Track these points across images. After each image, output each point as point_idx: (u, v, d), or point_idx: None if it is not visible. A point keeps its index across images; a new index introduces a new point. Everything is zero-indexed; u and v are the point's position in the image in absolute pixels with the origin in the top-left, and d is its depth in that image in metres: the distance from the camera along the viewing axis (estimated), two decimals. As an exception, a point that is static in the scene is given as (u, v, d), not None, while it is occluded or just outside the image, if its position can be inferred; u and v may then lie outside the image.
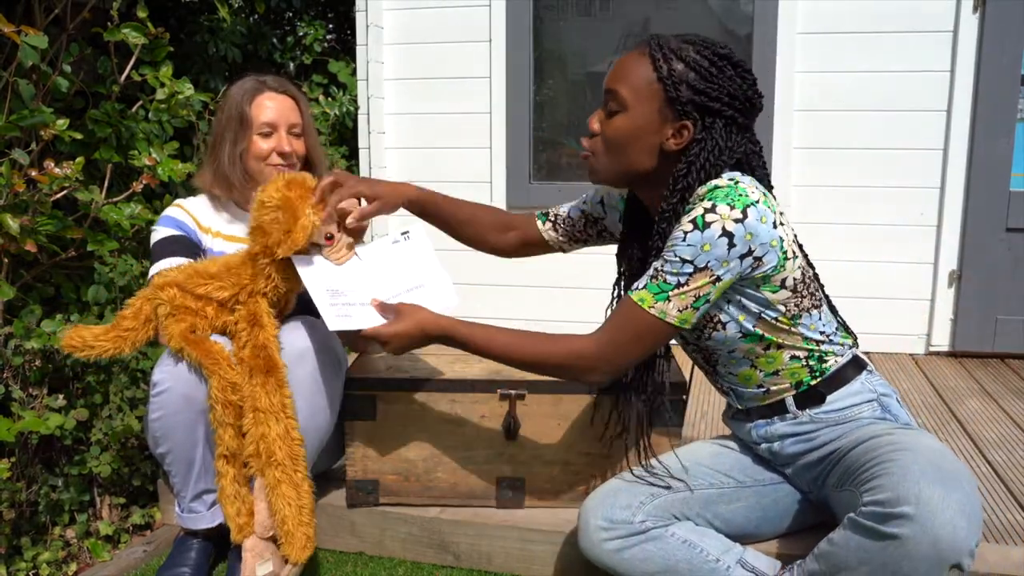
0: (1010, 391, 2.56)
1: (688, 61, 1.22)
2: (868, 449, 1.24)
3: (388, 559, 1.74)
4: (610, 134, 1.30)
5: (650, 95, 1.25)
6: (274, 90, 1.76)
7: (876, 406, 1.37)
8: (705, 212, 1.18)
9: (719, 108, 1.23)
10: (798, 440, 1.41)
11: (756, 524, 1.45)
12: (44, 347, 1.92)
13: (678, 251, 1.20)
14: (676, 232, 1.20)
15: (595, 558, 1.36)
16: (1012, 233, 2.90)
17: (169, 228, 1.74)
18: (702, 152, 1.24)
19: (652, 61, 1.24)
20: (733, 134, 1.25)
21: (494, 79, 3.17)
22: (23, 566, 1.82)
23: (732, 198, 1.18)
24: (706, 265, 1.19)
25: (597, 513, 1.36)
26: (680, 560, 1.33)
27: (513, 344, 1.33)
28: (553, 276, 3.25)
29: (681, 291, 1.21)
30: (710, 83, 1.22)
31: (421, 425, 1.67)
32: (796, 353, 1.34)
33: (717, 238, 1.17)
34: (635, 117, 1.26)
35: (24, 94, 2.00)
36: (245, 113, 1.72)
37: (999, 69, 2.80)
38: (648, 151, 1.28)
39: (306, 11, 3.79)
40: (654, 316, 1.23)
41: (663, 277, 1.22)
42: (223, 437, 1.46)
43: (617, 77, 1.28)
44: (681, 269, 1.20)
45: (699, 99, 1.22)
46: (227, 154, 1.72)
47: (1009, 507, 1.69)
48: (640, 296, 1.24)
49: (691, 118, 1.24)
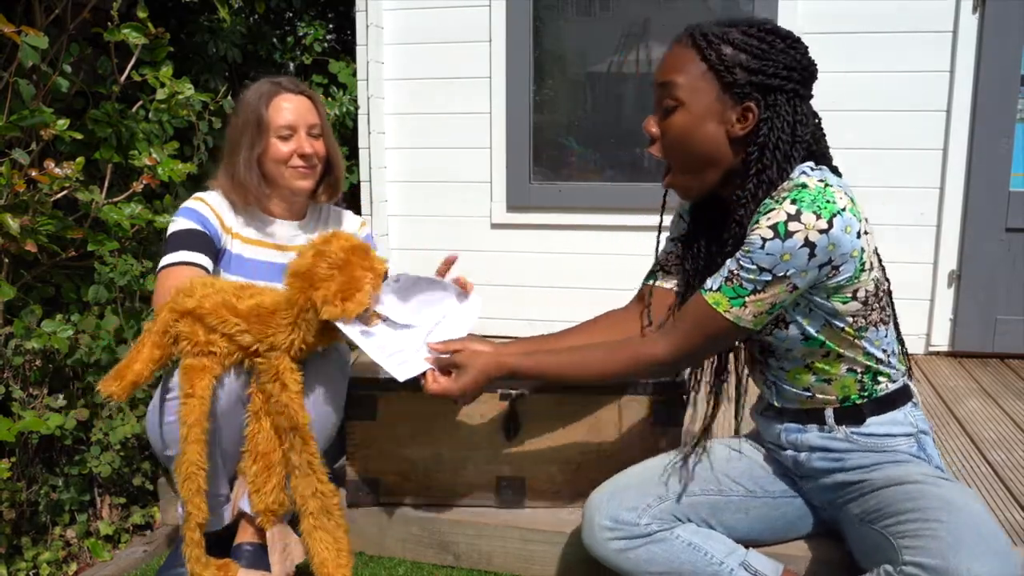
0: (1010, 391, 2.56)
1: (736, 43, 1.19)
2: (909, 496, 1.20)
3: (388, 559, 1.74)
4: (672, 133, 1.25)
5: (706, 85, 1.21)
6: (290, 91, 1.73)
7: (913, 442, 1.33)
8: (789, 220, 1.13)
9: (779, 83, 1.19)
10: (827, 457, 1.36)
11: (759, 533, 1.44)
12: (44, 347, 1.92)
13: (755, 258, 1.16)
14: (753, 236, 1.16)
15: (598, 555, 1.36)
16: (1012, 233, 2.90)
17: (190, 221, 1.67)
18: (772, 131, 1.19)
19: (699, 50, 1.20)
20: (798, 107, 1.21)
21: (494, 79, 3.17)
22: (23, 566, 1.82)
23: (819, 205, 1.12)
24: (784, 274, 1.15)
25: (603, 512, 1.35)
26: (684, 562, 1.32)
27: (584, 364, 1.32)
28: (551, 276, 3.25)
29: (757, 297, 1.18)
30: (764, 60, 1.18)
31: (421, 425, 1.67)
32: (854, 367, 1.30)
33: (799, 248, 1.13)
34: (694, 109, 1.22)
35: (24, 94, 2.00)
36: (262, 116, 1.69)
37: (999, 69, 2.80)
38: (715, 142, 1.24)
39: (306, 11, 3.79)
40: (729, 320, 1.21)
41: (739, 281, 1.19)
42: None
43: (666, 73, 1.24)
44: (759, 277, 1.17)
45: (756, 78, 1.18)
46: (243, 159, 1.69)
47: (1009, 507, 1.69)
48: (715, 299, 1.21)
49: (752, 99, 1.20)
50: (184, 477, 1.41)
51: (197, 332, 1.42)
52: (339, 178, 1.82)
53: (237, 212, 1.76)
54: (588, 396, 1.64)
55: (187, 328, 1.43)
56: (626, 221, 3.13)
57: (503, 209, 3.25)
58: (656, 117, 1.28)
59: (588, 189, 3.18)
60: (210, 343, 1.42)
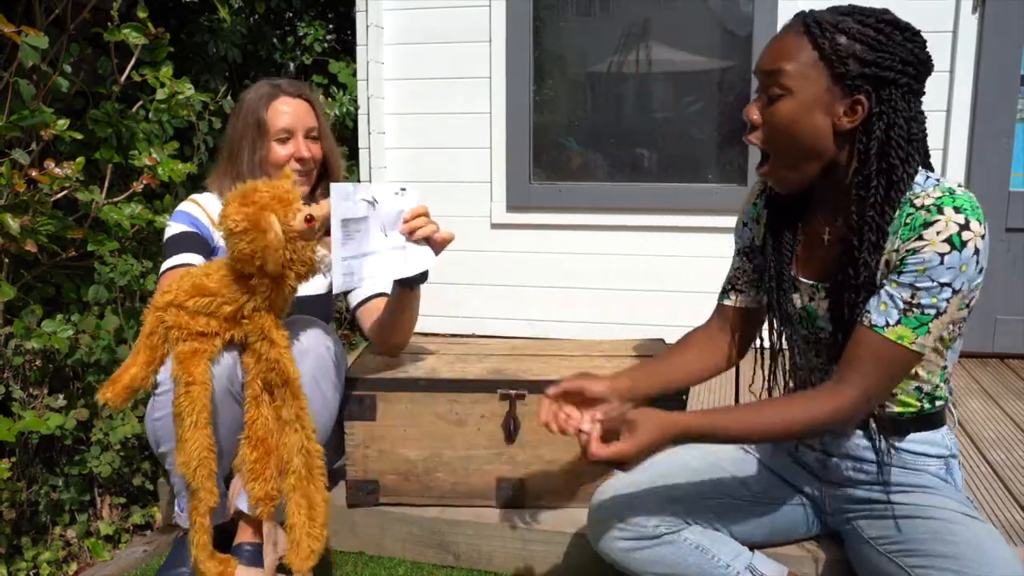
0: (1010, 391, 2.56)
1: (851, 32, 1.14)
2: (939, 536, 1.17)
3: (388, 559, 1.74)
4: (776, 121, 1.19)
5: (816, 74, 1.16)
6: (289, 94, 1.74)
7: (943, 465, 1.31)
8: (961, 229, 1.09)
9: (894, 77, 1.13)
10: (858, 468, 1.34)
11: (765, 536, 1.44)
12: (44, 347, 1.93)
13: (935, 275, 1.11)
14: (927, 253, 1.11)
15: (605, 554, 1.35)
16: (1012, 233, 2.90)
17: (182, 224, 1.72)
18: (891, 127, 1.14)
19: (812, 38, 1.16)
20: (913, 102, 1.16)
21: (494, 79, 3.17)
22: (24, 566, 1.82)
23: (977, 212, 1.11)
24: (962, 287, 1.12)
25: (611, 512, 1.34)
26: (691, 564, 1.32)
27: (771, 422, 1.18)
28: (551, 276, 3.25)
29: (941, 320, 1.13)
30: (880, 52, 1.13)
31: (421, 425, 1.68)
32: (922, 385, 1.27)
33: (971, 256, 1.10)
34: (801, 98, 1.17)
35: (24, 94, 2.00)
36: (262, 119, 1.70)
37: (999, 69, 2.80)
38: (821, 134, 1.18)
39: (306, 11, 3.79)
40: (915, 352, 1.15)
41: (921, 309, 1.13)
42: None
43: (775, 59, 1.19)
44: (940, 295, 1.12)
45: (870, 71, 1.13)
46: (247, 162, 1.71)
47: (1008, 507, 1.69)
48: (898, 334, 1.14)
49: (863, 91, 1.15)
50: (196, 463, 1.42)
51: (183, 317, 1.45)
52: (337, 180, 1.82)
53: None
54: (588, 396, 1.64)
55: (173, 318, 1.45)
56: (626, 221, 3.13)
57: (503, 209, 3.25)
58: (759, 104, 1.23)
59: (588, 189, 3.18)
60: (196, 324, 1.44)
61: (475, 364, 1.76)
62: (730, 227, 3.02)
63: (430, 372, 1.70)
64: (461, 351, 1.89)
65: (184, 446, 1.42)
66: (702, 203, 3.03)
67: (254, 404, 1.49)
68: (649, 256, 3.14)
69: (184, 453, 1.43)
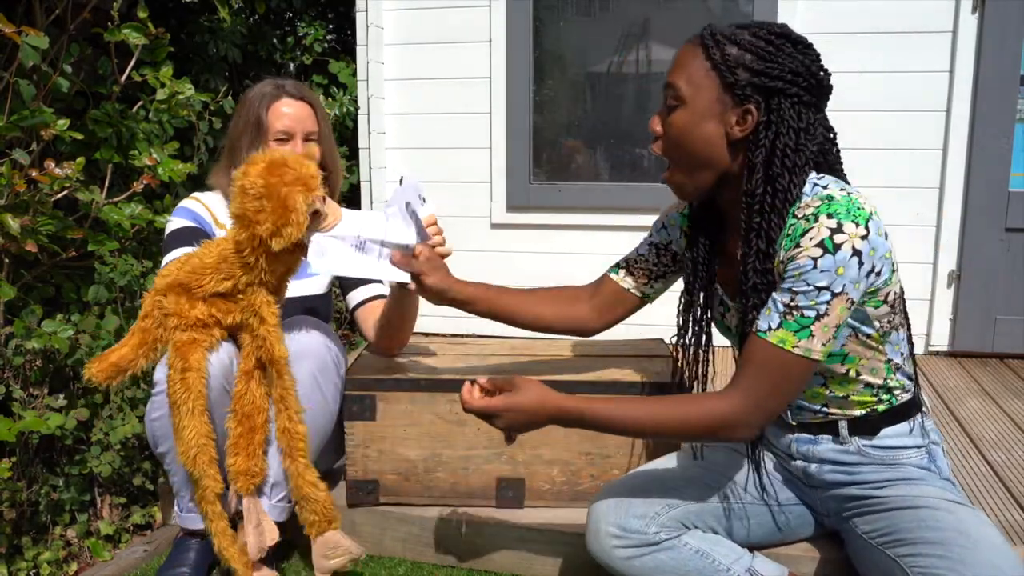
0: (1009, 391, 2.57)
1: (742, 43, 1.17)
2: (925, 524, 1.18)
3: (388, 559, 1.74)
4: (672, 131, 1.24)
5: (707, 83, 1.19)
6: (291, 96, 1.74)
7: (924, 453, 1.32)
8: (833, 233, 1.11)
9: (782, 87, 1.17)
10: (838, 470, 1.35)
11: (760, 538, 1.44)
12: (45, 347, 1.93)
13: (811, 279, 1.13)
14: (802, 260, 1.13)
15: (604, 563, 1.35)
16: (1011, 233, 2.90)
17: (184, 219, 1.73)
18: (778, 136, 1.18)
19: (704, 49, 1.19)
20: (803, 113, 1.18)
21: (494, 79, 3.17)
22: (24, 565, 1.83)
23: (854, 214, 1.12)
24: (842, 289, 1.13)
25: (609, 519, 1.34)
26: (692, 569, 1.32)
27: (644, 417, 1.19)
28: (551, 276, 3.25)
29: (823, 323, 1.14)
30: (769, 62, 1.16)
31: (421, 425, 1.68)
32: (871, 381, 1.28)
33: (849, 259, 1.12)
34: (694, 108, 1.21)
35: (25, 94, 2.00)
36: (262, 119, 1.71)
37: (998, 69, 2.80)
38: (713, 142, 1.22)
39: (306, 11, 3.79)
40: (800, 356, 1.15)
41: (800, 312, 1.14)
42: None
43: (673, 71, 1.24)
44: (818, 298, 1.13)
45: (759, 80, 1.17)
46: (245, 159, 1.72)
47: (1008, 507, 1.69)
48: (780, 337, 1.15)
49: (753, 101, 1.18)
50: (195, 450, 1.43)
51: (181, 304, 1.46)
52: (335, 184, 1.83)
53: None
54: (588, 396, 1.64)
55: (172, 304, 1.46)
56: (626, 221, 3.13)
57: (503, 209, 3.25)
58: (660, 115, 1.28)
59: (588, 189, 3.19)
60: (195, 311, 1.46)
61: (475, 364, 1.76)
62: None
63: (430, 372, 1.70)
64: (461, 351, 1.89)
65: (182, 434, 1.43)
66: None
67: (244, 379, 1.51)
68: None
69: (182, 442, 1.44)
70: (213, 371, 1.49)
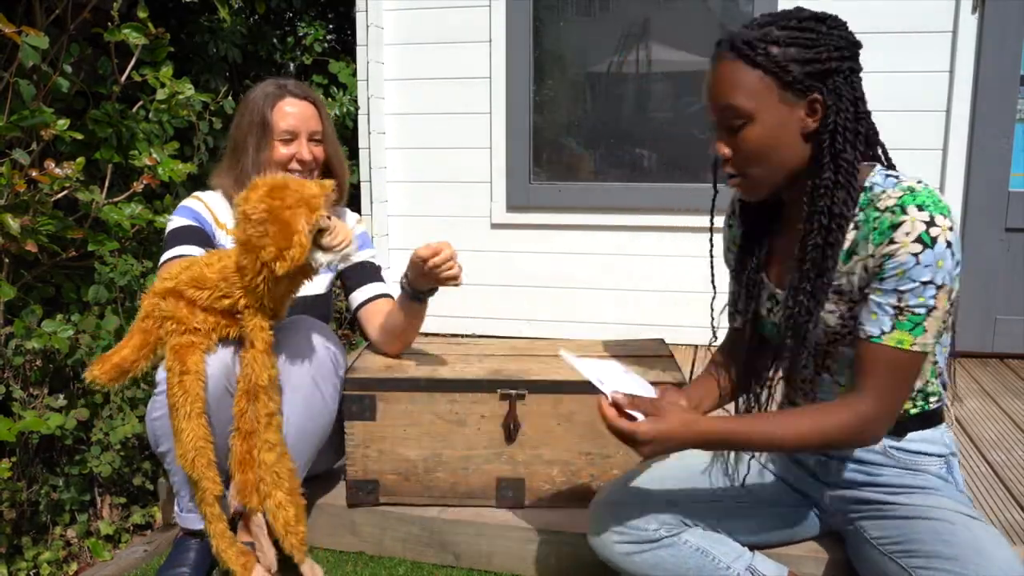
0: (1009, 391, 2.57)
1: (779, 40, 1.16)
2: (940, 537, 1.17)
3: (388, 559, 1.74)
4: (749, 148, 1.21)
5: (765, 90, 1.18)
6: (295, 96, 1.74)
7: (943, 464, 1.32)
8: (928, 227, 1.12)
9: (835, 67, 1.17)
10: (859, 469, 1.35)
11: (765, 539, 1.44)
12: (45, 347, 1.93)
13: (915, 275, 1.13)
14: (901, 256, 1.13)
15: (605, 558, 1.35)
16: (1011, 233, 2.90)
17: (185, 218, 1.73)
18: (839, 113, 1.17)
19: (747, 60, 1.17)
20: (855, 83, 1.20)
21: (494, 79, 3.17)
22: (24, 565, 1.83)
23: (940, 207, 1.13)
24: (943, 281, 1.14)
25: (610, 515, 1.34)
26: (692, 567, 1.32)
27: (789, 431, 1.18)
28: (551, 276, 3.25)
29: (933, 316, 1.15)
30: (815, 48, 1.16)
31: (421, 425, 1.68)
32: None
33: (944, 251, 1.12)
34: (763, 119, 1.19)
35: (25, 94, 2.00)
36: (267, 118, 1.70)
37: (998, 69, 2.80)
38: (794, 143, 1.21)
39: (306, 11, 3.79)
40: (918, 352, 1.17)
41: (910, 311, 1.15)
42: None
43: (722, 92, 1.21)
44: (925, 293, 1.14)
45: (811, 68, 1.16)
46: (251, 160, 1.71)
47: (1008, 507, 1.69)
48: (897, 339, 1.16)
49: (815, 89, 1.17)
50: (193, 452, 1.43)
51: (180, 309, 1.45)
52: (343, 184, 1.83)
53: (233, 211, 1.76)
54: (588, 396, 1.64)
55: (170, 307, 1.46)
56: (626, 221, 3.13)
57: (503, 209, 3.25)
58: (722, 138, 1.24)
59: (588, 189, 3.19)
60: (194, 319, 1.45)
61: (475, 364, 1.76)
62: (730, 227, 3.03)
63: (430, 372, 1.70)
64: (461, 351, 1.89)
65: (180, 437, 1.43)
66: (701, 203, 3.03)
67: (244, 398, 1.50)
68: (649, 256, 3.14)
69: (181, 444, 1.44)
70: (213, 372, 1.49)
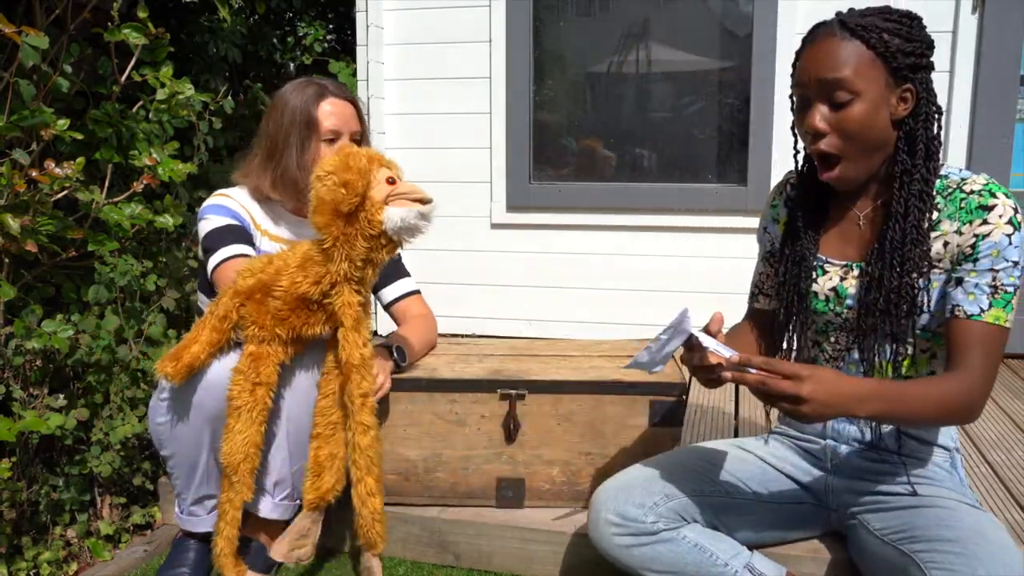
0: (1009, 391, 2.57)
1: (889, 29, 1.24)
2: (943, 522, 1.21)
3: (388, 559, 1.74)
4: (851, 125, 1.25)
5: (874, 72, 1.24)
6: (336, 95, 1.71)
7: (949, 457, 1.37)
8: (1015, 212, 1.22)
9: (926, 63, 1.26)
10: (868, 456, 1.38)
11: (764, 536, 1.45)
12: (45, 347, 1.93)
13: (1008, 255, 1.22)
14: (996, 238, 1.22)
15: (603, 551, 1.36)
16: (1012, 233, 2.90)
17: (224, 217, 1.66)
18: (930, 104, 1.27)
19: (863, 40, 1.23)
20: (931, 79, 1.28)
21: (494, 79, 3.17)
22: (24, 565, 1.83)
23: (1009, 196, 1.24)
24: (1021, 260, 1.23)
25: (610, 507, 1.35)
26: (689, 563, 1.32)
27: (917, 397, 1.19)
28: (551, 276, 3.25)
29: (1017, 295, 1.24)
30: (914, 42, 1.24)
31: (421, 425, 1.68)
32: (936, 371, 1.34)
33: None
34: (869, 97, 1.24)
35: (25, 94, 2.00)
36: (313, 117, 1.66)
37: (999, 69, 2.80)
38: (885, 126, 1.27)
39: (306, 11, 3.79)
40: (1008, 328, 1.25)
41: (1004, 289, 1.23)
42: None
43: (834, 66, 1.24)
44: (1015, 272, 1.23)
45: (911, 60, 1.24)
46: (295, 160, 1.66)
47: (1008, 507, 1.69)
48: (995, 316, 1.23)
49: (910, 80, 1.25)
50: (242, 456, 1.43)
51: (264, 317, 1.44)
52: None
53: (265, 209, 1.75)
54: (588, 396, 1.64)
55: (252, 312, 1.44)
56: (626, 221, 3.13)
57: (503, 209, 3.25)
58: (819, 113, 1.27)
59: (588, 189, 3.19)
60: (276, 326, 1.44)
61: (475, 364, 1.76)
62: (730, 227, 3.03)
63: (430, 372, 1.70)
64: (461, 351, 1.89)
65: (234, 436, 1.42)
66: (702, 203, 3.03)
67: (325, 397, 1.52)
68: (649, 256, 3.14)
69: (231, 443, 1.43)
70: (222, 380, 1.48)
